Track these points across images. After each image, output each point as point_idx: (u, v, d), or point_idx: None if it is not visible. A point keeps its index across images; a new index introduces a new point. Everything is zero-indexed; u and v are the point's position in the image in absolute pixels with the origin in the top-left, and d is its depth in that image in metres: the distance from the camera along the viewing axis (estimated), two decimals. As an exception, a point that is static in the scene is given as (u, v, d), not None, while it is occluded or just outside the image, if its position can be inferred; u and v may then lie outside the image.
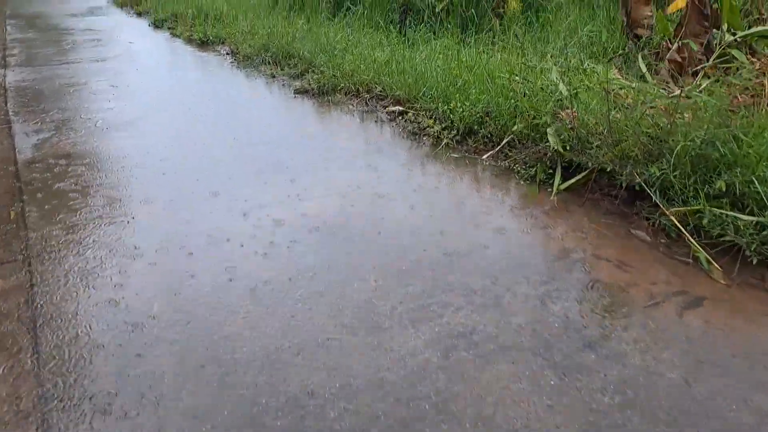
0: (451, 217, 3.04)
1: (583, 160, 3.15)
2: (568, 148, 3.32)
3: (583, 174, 3.18)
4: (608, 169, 3.01)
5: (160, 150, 4.13)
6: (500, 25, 6.51)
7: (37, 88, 5.94)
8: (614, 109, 3.67)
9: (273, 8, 9.34)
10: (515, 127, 3.72)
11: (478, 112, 3.99)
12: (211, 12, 8.83)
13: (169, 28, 9.10)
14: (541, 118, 3.59)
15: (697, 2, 4.46)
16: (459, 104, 4.06)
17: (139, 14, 10.84)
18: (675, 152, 2.69)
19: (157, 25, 9.46)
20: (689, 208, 2.60)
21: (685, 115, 2.96)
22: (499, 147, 3.76)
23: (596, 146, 3.15)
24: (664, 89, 3.87)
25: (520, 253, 2.66)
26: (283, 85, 5.83)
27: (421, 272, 2.53)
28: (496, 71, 4.41)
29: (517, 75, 4.16)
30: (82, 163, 3.94)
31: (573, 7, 7.16)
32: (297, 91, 5.51)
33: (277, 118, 4.85)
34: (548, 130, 3.38)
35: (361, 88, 5.16)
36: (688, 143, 2.62)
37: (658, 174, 2.68)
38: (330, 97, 5.27)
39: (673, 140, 2.69)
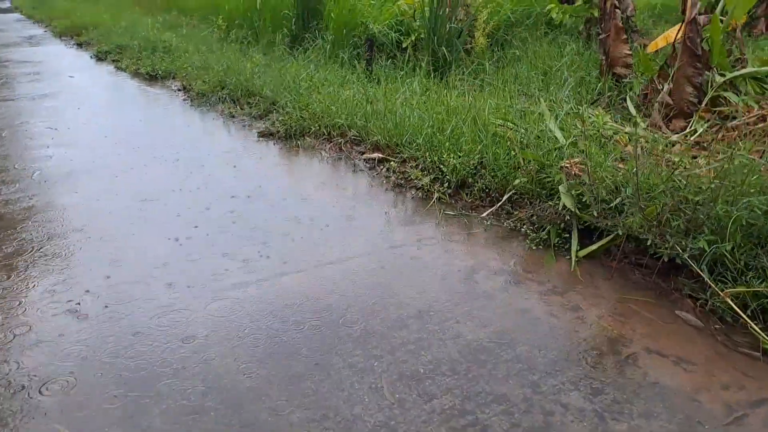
0: (461, 295, 2.59)
1: (604, 224, 2.76)
2: (583, 208, 2.93)
3: (605, 240, 2.78)
4: (638, 237, 2.62)
5: (105, 216, 3.53)
6: (470, 61, 6.17)
7: (-36, 130, 5.23)
8: (619, 158, 3.33)
9: (224, 41, 8.80)
10: (516, 181, 3.31)
11: (473, 164, 3.57)
12: (159, 44, 8.22)
13: (113, 61, 8.44)
14: (547, 172, 3.20)
15: (689, 43, 4.20)
16: (451, 155, 3.63)
17: (80, 45, 10.10)
18: (726, 222, 2.32)
19: (99, 57, 8.77)
20: (749, 289, 2.22)
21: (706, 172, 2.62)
22: (499, 204, 3.34)
23: (616, 207, 2.76)
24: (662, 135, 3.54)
25: (557, 346, 2.22)
26: (244, 126, 5.30)
27: (442, 378, 2.06)
28: (484, 116, 4.02)
29: (508, 121, 3.78)
30: (13, 229, 3.31)
31: (539, 42, 6.93)
32: (261, 134, 4.99)
33: (241, 167, 4.31)
34: (560, 188, 2.98)
35: (333, 132, 4.69)
36: (742, 212, 2.25)
37: (707, 249, 2.30)
38: (298, 141, 4.77)
39: (721, 209, 2.32)
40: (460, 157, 3.63)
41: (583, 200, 2.93)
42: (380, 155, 4.23)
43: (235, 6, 9.26)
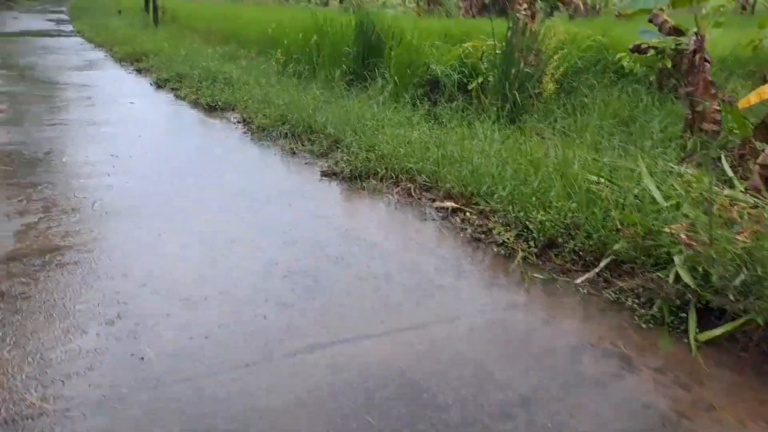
0: (569, 380, 2.24)
1: (734, 306, 2.40)
2: (700, 283, 2.57)
3: (734, 324, 2.41)
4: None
5: (170, 258, 3.29)
6: (539, 107, 5.89)
7: (26, 155, 5.10)
8: (723, 224, 2.96)
9: (282, 74, 8.70)
10: (616, 246, 2.97)
11: (564, 222, 3.24)
12: (219, 75, 8.13)
13: (172, 89, 8.37)
14: (653, 238, 2.86)
15: (795, 102, 3.85)
16: (539, 211, 3.31)
17: (139, 71, 10.12)
18: None
19: (159, 84, 8.72)
20: None
21: None
22: (596, 270, 3.00)
23: (740, 285, 2.40)
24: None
25: (698, 458, 1.86)
26: (306, 163, 5.07)
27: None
28: (573, 169, 3.70)
29: (603, 177, 3.45)
30: (74, 263, 3.08)
31: (607, 90, 6.62)
32: (324, 173, 4.75)
33: (303, 208, 4.06)
34: (675, 259, 2.63)
35: (401, 175, 4.41)
36: None
37: None
38: (363, 183, 4.50)
39: None
40: (549, 213, 3.31)
41: (700, 274, 2.58)
42: (454, 204, 3.93)
43: (293, 41, 9.18)
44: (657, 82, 6.89)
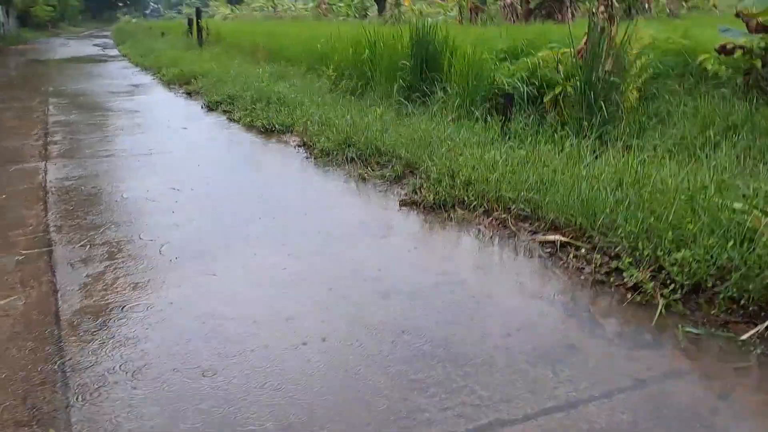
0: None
1: None
2: None
3: None
4: None
5: (253, 316, 2.87)
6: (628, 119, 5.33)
7: (84, 191, 4.77)
8: None
9: (333, 91, 8.31)
10: (790, 294, 2.43)
11: (713, 262, 2.71)
12: (273, 95, 7.77)
13: (224, 111, 8.04)
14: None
15: None
16: (680, 248, 2.78)
17: (189, 94, 9.86)
18: None
19: (210, 107, 8.41)
20: None
21: None
22: (766, 324, 2.46)
23: None
24: None
25: None
26: (380, 191, 4.62)
27: None
28: (703, 195, 3.16)
29: (752, 205, 2.90)
30: (147, 323, 2.68)
31: (692, 95, 6.03)
32: (403, 203, 4.29)
33: (390, 247, 3.60)
34: None
35: (493, 204, 3.92)
36: None
37: None
38: (450, 213, 4.03)
39: None
40: (691, 250, 2.77)
41: None
42: (561, 238, 3.42)
43: (344, 56, 8.79)
44: (745, 84, 6.25)
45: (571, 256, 3.25)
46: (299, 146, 6.11)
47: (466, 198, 4.05)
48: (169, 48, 16.25)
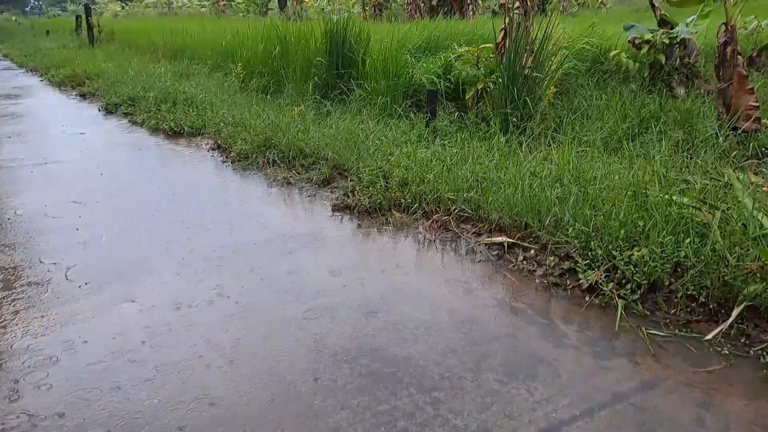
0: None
1: None
2: None
3: None
4: None
5: (183, 348, 2.50)
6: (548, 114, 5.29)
7: (-32, 209, 4.14)
8: None
9: (244, 90, 7.84)
10: (749, 288, 2.37)
11: (669, 259, 2.62)
12: (180, 96, 7.20)
13: (125, 114, 7.38)
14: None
15: None
16: (635, 248, 2.67)
17: (83, 96, 9.03)
18: None
19: (109, 110, 7.70)
20: None
21: None
22: (729, 321, 2.38)
23: None
24: None
25: None
26: (308, 196, 4.30)
27: None
28: (646, 189, 3.09)
29: (701, 201, 2.85)
30: (55, 375, 2.25)
31: (602, 89, 6.13)
32: (336, 208, 4.00)
33: (326, 258, 3.31)
34: None
35: (433, 206, 3.71)
36: None
37: None
38: (387, 216, 3.78)
39: None
40: (646, 248, 2.68)
41: None
42: (508, 239, 3.26)
43: (253, 53, 8.33)
44: (650, 77, 6.43)
45: (521, 258, 3.10)
46: (213, 149, 5.67)
47: (403, 200, 3.83)
48: (58, 47, 14.98)
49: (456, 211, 3.59)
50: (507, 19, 5.38)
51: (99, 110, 7.88)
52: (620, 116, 5.13)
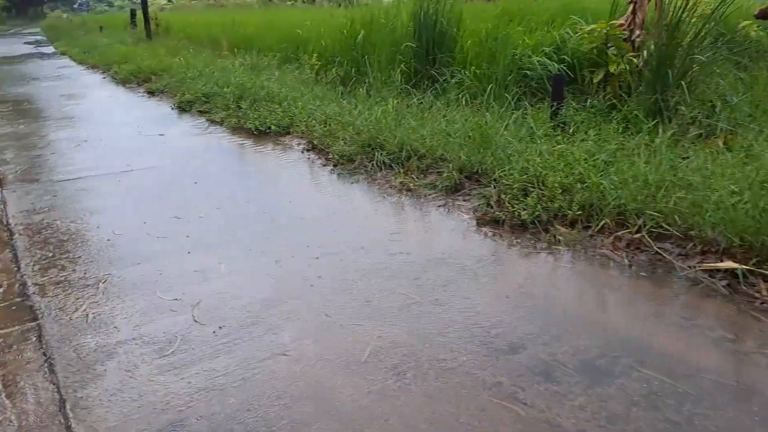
0: None
1: None
2: None
3: None
4: None
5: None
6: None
7: (59, 227, 3.60)
8: None
9: (317, 83, 7.20)
10: None
11: None
12: (261, 91, 6.60)
13: (200, 112, 6.83)
14: None
15: None
16: None
17: (151, 93, 8.53)
18: None
19: (182, 108, 7.16)
20: None
21: None
22: None
23: None
24: None
25: None
26: (439, 206, 3.64)
27: None
28: None
29: None
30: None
31: (735, 65, 5.29)
32: (480, 222, 3.33)
33: (498, 299, 2.65)
34: None
35: (610, 219, 3.00)
36: None
37: None
38: (551, 233, 3.09)
39: None
40: None
41: None
42: (732, 265, 2.54)
43: (331, 42, 7.69)
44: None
45: (765, 291, 2.37)
46: (307, 150, 5.05)
47: (570, 211, 3.13)
48: (115, 43, 14.61)
49: (647, 226, 2.87)
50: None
51: (171, 108, 7.35)
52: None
